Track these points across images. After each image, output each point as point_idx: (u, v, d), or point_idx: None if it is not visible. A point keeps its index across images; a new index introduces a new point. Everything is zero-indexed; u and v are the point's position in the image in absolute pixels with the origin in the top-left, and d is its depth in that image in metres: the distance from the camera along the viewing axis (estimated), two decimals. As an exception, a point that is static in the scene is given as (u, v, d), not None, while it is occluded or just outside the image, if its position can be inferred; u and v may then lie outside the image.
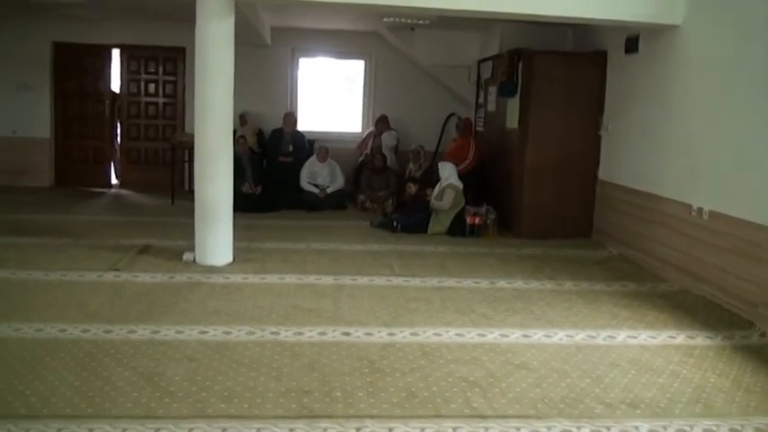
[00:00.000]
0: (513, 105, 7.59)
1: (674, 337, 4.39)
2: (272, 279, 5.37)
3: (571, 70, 7.33)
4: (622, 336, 4.37)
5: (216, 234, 5.72)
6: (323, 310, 4.64)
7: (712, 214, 5.26)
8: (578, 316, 4.75)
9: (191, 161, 9.48)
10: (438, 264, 6.11)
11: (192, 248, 5.79)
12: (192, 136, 8.98)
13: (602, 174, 7.40)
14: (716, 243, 5.21)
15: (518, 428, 3.07)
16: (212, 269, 5.58)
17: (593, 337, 4.32)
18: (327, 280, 5.40)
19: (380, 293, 5.08)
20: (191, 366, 3.60)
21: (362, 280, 5.44)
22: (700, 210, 5.42)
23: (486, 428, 3.06)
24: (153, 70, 10.27)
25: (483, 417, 3.17)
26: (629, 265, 6.36)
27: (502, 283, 5.54)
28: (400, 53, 9.95)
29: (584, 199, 7.51)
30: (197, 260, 5.74)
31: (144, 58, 10.22)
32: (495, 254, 6.63)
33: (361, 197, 8.90)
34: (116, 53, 10.21)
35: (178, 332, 4.12)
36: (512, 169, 7.63)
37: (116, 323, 4.21)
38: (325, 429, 2.99)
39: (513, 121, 7.65)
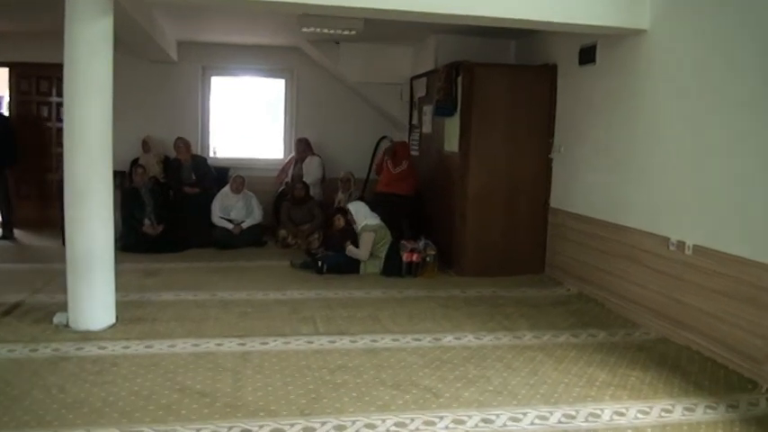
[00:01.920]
0: (452, 126, 6.68)
1: (671, 411, 3.46)
2: (161, 347, 4.20)
3: (517, 85, 6.48)
4: (608, 412, 3.42)
5: (92, 292, 4.52)
6: (219, 392, 3.51)
7: (697, 249, 4.41)
8: (548, 384, 3.78)
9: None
10: (371, 314, 5.07)
11: (66, 308, 4.58)
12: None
13: (554, 201, 6.55)
14: (702, 283, 4.36)
15: None
16: (87, 335, 4.37)
17: (573, 418, 3.35)
18: (231, 345, 4.27)
19: (297, 363, 3.99)
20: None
21: (276, 343, 4.34)
22: (681, 243, 4.57)
23: None
24: (46, 90, 8.92)
25: None
26: (591, 306, 5.50)
27: (449, 339, 4.53)
28: (325, 70, 8.95)
29: (534, 230, 6.65)
30: (70, 324, 4.52)
31: (36, 77, 8.88)
32: (437, 298, 5.64)
33: (282, 232, 7.80)
34: (3, 72, 8.87)
35: (11, 442, 2.94)
36: (452, 198, 6.70)
37: None
38: None
39: (451, 143, 6.73)
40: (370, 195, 7.91)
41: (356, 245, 6.47)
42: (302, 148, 8.49)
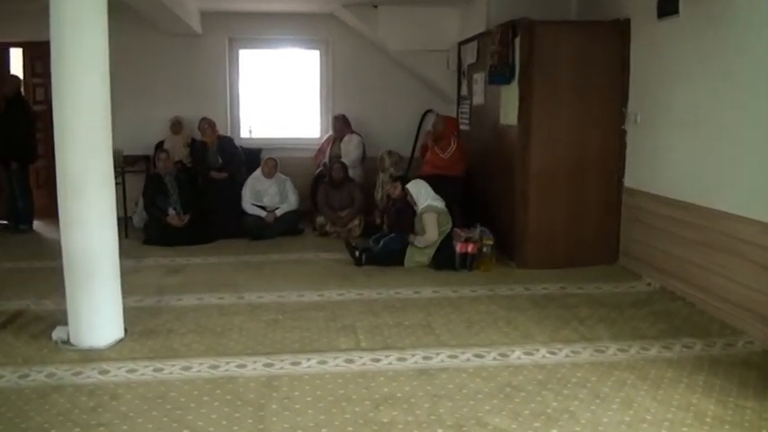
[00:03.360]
0: (510, 95, 5.81)
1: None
2: (172, 369, 3.52)
3: (585, 45, 5.57)
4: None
5: (94, 303, 3.85)
6: (235, 439, 2.81)
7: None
8: (648, 422, 2.96)
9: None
10: (422, 321, 4.30)
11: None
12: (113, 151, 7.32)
13: (630, 180, 5.65)
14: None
15: None
16: (88, 355, 3.72)
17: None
18: (256, 366, 3.57)
19: (334, 392, 3.25)
20: None
21: (309, 363, 3.61)
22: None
23: None
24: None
25: None
26: (679, 307, 4.64)
27: (517, 355, 3.74)
28: (362, 38, 8.11)
29: (605, 213, 5.77)
30: (71, 339, 3.88)
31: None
32: (497, 297, 4.85)
33: (320, 219, 7.07)
34: (16, 53, 8.27)
35: None
36: (510, 178, 5.86)
37: None
38: None
39: (509, 115, 5.87)
40: (416, 176, 7.09)
41: (403, 225, 5.70)
42: (340, 125, 7.71)
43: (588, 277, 5.40)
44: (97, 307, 3.86)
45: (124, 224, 6.80)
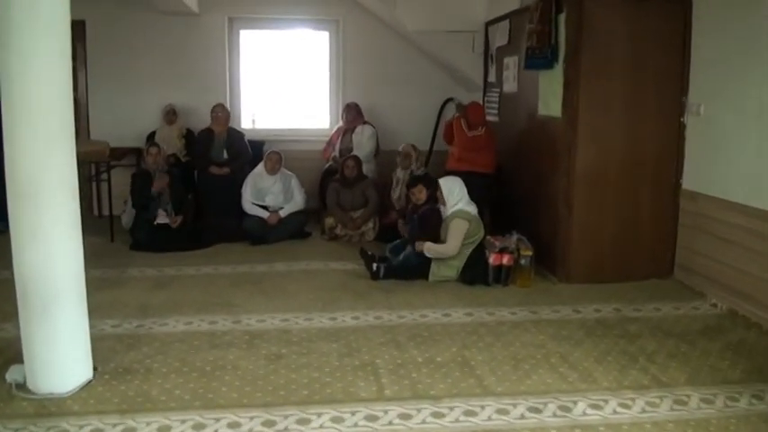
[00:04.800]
0: (551, 82, 5.01)
1: None
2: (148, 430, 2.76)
3: (640, 23, 4.77)
4: None
5: (53, 337, 3.09)
6: None
7: None
8: None
9: (98, 179, 6.89)
10: (457, 357, 3.53)
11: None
12: (99, 144, 6.56)
13: (689, 181, 4.86)
14: None
15: None
16: (45, 406, 2.96)
17: None
18: (252, 426, 2.80)
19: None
20: None
21: (321, 421, 2.84)
22: None
23: None
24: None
25: None
26: (755, 336, 3.92)
27: (582, 408, 2.97)
28: (377, 18, 7.28)
29: (659, 219, 4.99)
30: (28, 383, 3.12)
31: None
32: (543, 323, 4.07)
33: (329, 220, 6.28)
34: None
35: None
36: (551, 178, 5.08)
37: None
38: None
39: (549, 105, 5.09)
40: (435, 173, 6.30)
41: (428, 235, 4.93)
42: (351, 115, 6.90)
43: (642, 295, 4.63)
44: (57, 343, 3.10)
45: (110, 226, 6.11)
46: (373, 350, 3.61)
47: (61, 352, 3.12)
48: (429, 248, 4.88)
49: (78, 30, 7.21)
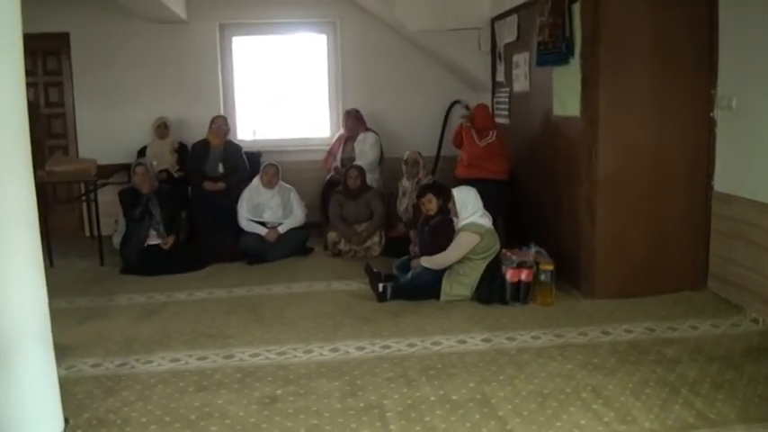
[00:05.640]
0: (567, 79, 4.60)
1: None
2: (116, 501, 2.37)
3: (663, 12, 4.34)
4: None
5: (16, 388, 2.69)
6: None
7: None
8: None
9: (87, 199, 6.49)
10: (475, 393, 3.11)
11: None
12: (84, 162, 6.17)
13: (722, 183, 4.42)
14: None
15: None
16: (3, 467, 2.58)
17: None
18: (240, 493, 2.40)
19: None
20: None
21: (320, 486, 2.44)
22: None
23: None
24: (30, 69, 7.16)
25: None
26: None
27: (624, 456, 2.55)
28: (376, 18, 6.88)
29: (690, 225, 4.55)
30: (-15, 439, 2.74)
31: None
32: (571, 348, 3.65)
33: (332, 235, 5.88)
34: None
35: None
36: (570, 184, 4.67)
37: None
38: None
39: (566, 104, 4.68)
40: (443, 180, 5.90)
41: (441, 245, 4.52)
42: (352, 122, 6.51)
43: (676, 311, 4.20)
44: (19, 397, 2.70)
45: (99, 248, 5.73)
46: (380, 388, 3.19)
47: (24, 405, 2.73)
48: (425, 261, 4.52)
49: (62, 43, 6.90)
